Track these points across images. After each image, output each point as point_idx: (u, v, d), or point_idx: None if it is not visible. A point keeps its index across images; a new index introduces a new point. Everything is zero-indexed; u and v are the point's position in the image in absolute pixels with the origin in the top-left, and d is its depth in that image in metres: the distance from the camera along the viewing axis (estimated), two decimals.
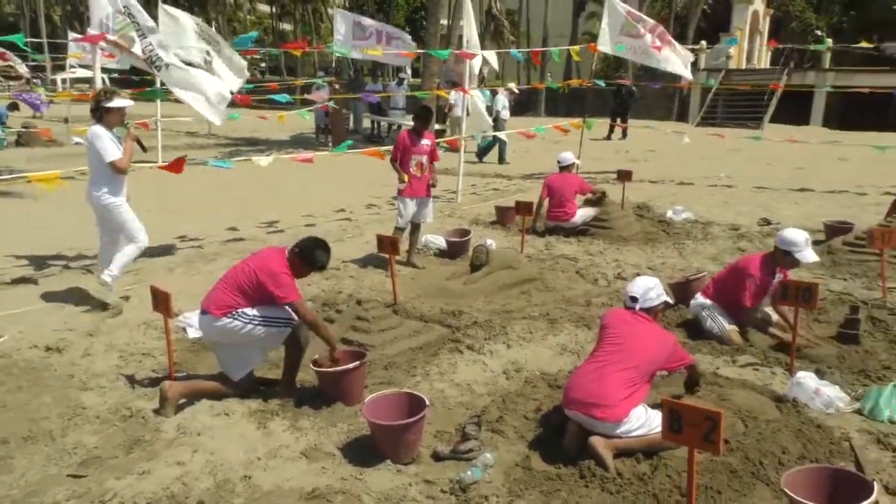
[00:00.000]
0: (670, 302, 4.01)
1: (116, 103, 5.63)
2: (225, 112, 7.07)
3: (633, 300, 3.85)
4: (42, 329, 5.31)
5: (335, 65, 21.58)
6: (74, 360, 4.76)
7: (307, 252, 4.21)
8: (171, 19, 6.87)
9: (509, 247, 7.84)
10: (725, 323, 5.18)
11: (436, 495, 3.24)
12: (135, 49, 6.27)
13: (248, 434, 3.81)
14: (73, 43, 15.82)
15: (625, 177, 9.94)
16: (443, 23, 21.96)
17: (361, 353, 4.27)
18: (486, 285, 6.36)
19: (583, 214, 8.67)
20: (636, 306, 3.83)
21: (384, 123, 20.42)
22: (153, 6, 6.97)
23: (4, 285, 6.35)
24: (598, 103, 20.53)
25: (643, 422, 3.46)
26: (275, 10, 53.69)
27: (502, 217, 9.23)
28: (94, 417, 3.98)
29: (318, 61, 45.22)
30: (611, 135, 20.24)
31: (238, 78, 7.04)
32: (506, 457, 3.54)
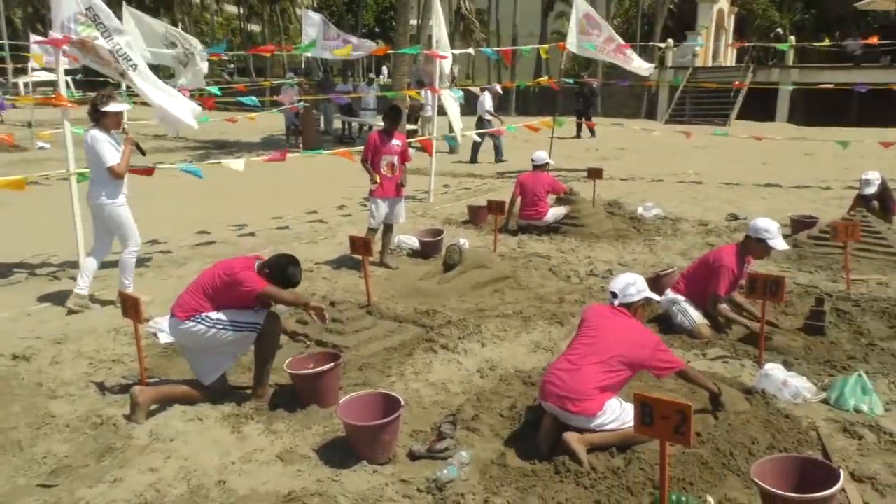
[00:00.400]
0: (652, 298, 4.04)
1: (113, 107, 5.65)
2: (197, 115, 6.97)
3: (614, 296, 3.89)
4: (8, 337, 5.21)
5: (304, 65, 21.47)
6: (42, 369, 4.68)
7: (279, 270, 4.13)
8: (137, 21, 6.78)
9: (482, 246, 7.87)
10: (696, 317, 5.26)
11: (412, 494, 3.25)
12: (100, 51, 6.15)
13: (222, 438, 3.78)
14: (35, 45, 15.50)
15: (595, 174, 10.03)
16: (412, 23, 21.96)
17: (336, 355, 4.26)
18: (459, 284, 6.38)
19: (555, 213, 8.74)
20: (616, 301, 3.88)
21: (355, 124, 20.36)
22: (117, 7, 6.85)
23: None
24: (567, 102, 20.66)
25: (617, 415, 3.50)
26: (242, 12, 53.18)
27: (475, 216, 9.26)
28: (63, 426, 3.91)
29: (287, 62, 44.91)
30: (580, 133, 20.42)
31: (193, 117, 6.86)
32: (481, 454, 3.55)
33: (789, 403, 4.05)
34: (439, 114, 11.55)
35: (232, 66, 47.53)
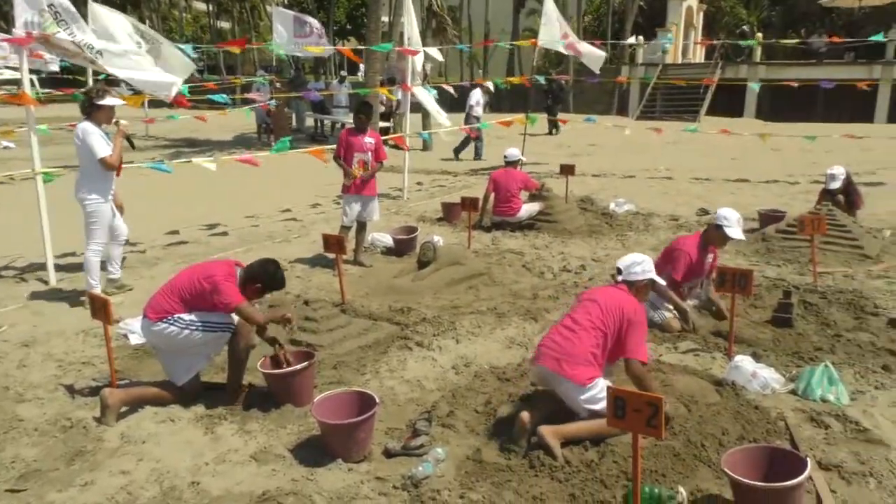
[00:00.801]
0: (656, 281, 4.07)
1: (108, 101, 5.72)
2: (178, 88, 6.86)
3: (618, 271, 3.95)
4: None
5: (275, 63, 21.29)
6: (9, 372, 4.60)
7: (261, 273, 4.14)
8: (102, 18, 6.65)
9: (456, 243, 7.88)
10: (665, 311, 5.33)
11: (388, 492, 3.25)
12: (65, 44, 6.04)
13: (195, 439, 3.74)
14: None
15: (568, 171, 10.10)
16: (384, 20, 21.87)
17: (310, 354, 4.25)
18: (434, 282, 6.39)
19: (528, 209, 8.78)
20: (619, 277, 3.93)
21: (328, 122, 20.23)
22: (82, 5, 6.72)
23: None
24: (539, 98, 20.78)
25: (605, 395, 3.51)
26: (212, 9, 52.53)
27: (448, 213, 9.27)
28: (32, 430, 3.84)
29: (258, 59, 44.48)
30: (552, 130, 20.54)
31: (182, 75, 6.81)
32: (457, 450, 3.57)
33: (758, 394, 4.12)
34: (417, 111, 11.52)
35: (202, 65, 46.94)
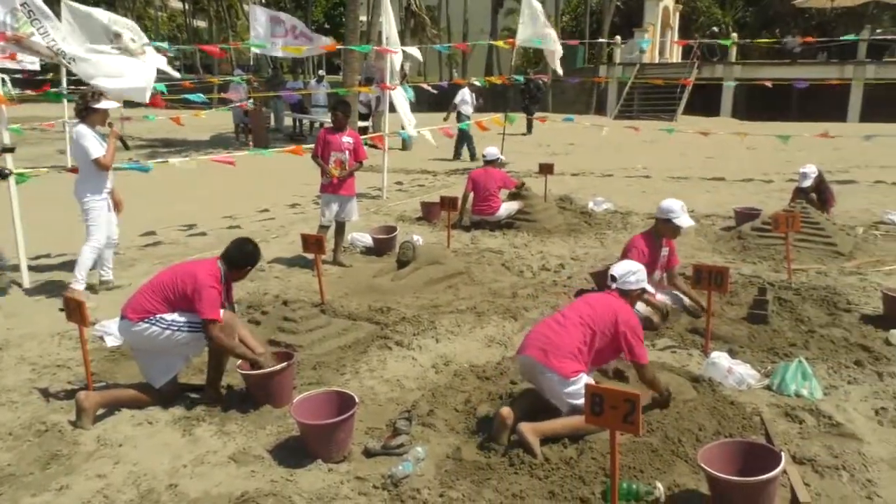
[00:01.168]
0: (648, 290, 4.12)
1: (103, 105, 5.94)
2: (150, 90, 6.81)
3: (613, 279, 3.99)
4: None
5: (253, 62, 21.14)
6: None
7: (236, 253, 4.18)
8: (77, 15, 6.55)
9: (436, 242, 7.89)
10: (641, 308, 5.36)
11: (368, 491, 3.25)
12: (38, 47, 5.97)
13: (173, 442, 3.71)
14: None
15: (546, 170, 10.14)
16: (362, 19, 21.83)
17: (289, 354, 4.23)
18: (413, 281, 6.39)
19: (507, 208, 8.81)
20: (613, 285, 3.97)
21: (306, 121, 20.15)
22: (56, 3, 6.62)
23: None
24: (519, 98, 20.85)
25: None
26: (188, 7, 52.02)
27: (428, 213, 9.27)
28: (5, 434, 3.79)
29: (235, 59, 44.13)
30: (530, 130, 20.61)
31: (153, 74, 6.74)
32: (437, 449, 3.57)
33: (734, 390, 4.18)
34: (391, 110, 11.51)
35: (178, 64, 46.49)
